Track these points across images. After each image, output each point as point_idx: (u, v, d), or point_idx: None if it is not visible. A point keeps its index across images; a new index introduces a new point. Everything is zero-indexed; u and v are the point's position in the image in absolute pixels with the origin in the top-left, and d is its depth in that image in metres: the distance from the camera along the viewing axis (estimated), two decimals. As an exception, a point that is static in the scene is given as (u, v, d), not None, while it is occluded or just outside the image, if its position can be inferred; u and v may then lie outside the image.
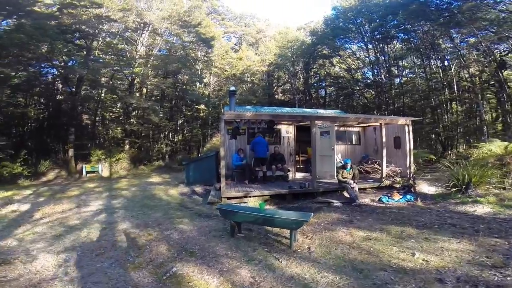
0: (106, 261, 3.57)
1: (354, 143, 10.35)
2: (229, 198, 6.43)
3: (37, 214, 6.11)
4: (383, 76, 18.72)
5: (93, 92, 17.56)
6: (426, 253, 3.43)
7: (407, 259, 3.30)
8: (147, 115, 17.36)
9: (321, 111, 12.40)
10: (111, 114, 19.70)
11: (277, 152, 8.43)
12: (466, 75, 14.59)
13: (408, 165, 8.00)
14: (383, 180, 7.58)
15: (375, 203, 6.39)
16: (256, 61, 24.92)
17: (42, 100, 16.94)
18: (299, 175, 9.68)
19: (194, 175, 9.63)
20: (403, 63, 19.09)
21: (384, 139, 7.73)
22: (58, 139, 15.72)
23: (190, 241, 4.20)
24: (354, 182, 6.62)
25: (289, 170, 8.69)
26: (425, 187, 7.75)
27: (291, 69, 24.27)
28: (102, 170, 14.54)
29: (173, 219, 5.43)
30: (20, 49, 10.62)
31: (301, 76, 24.70)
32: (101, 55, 15.01)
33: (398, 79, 19.17)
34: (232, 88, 9.84)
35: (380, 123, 7.71)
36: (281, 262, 3.37)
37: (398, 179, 7.74)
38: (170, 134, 20.93)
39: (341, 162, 8.95)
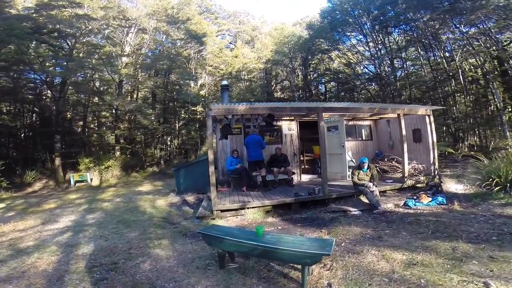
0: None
1: (365, 138, 9.15)
2: (222, 211, 5.27)
3: (-10, 233, 5.02)
4: (386, 68, 17.63)
5: (80, 96, 16.47)
6: (505, 281, 2.35)
7: (482, 294, 2.21)
8: (138, 118, 16.30)
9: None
10: (103, 119, 18.63)
11: (279, 153, 7.30)
12: (471, 66, 13.73)
13: (431, 161, 6.86)
14: (405, 179, 6.42)
15: (400, 209, 5.26)
16: (253, 58, 23.81)
17: (29, 107, 15.85)
18: (304, 177, 8.53)
19: (186, 182, 8.48)
20: (406, 54, 17.99)
21: (404, 132, 6.57)
22: (44, 148, 14.72)
23: (164, 275, 3.07)
24: (373, 184, 5.47)
25: (293, 173, 7.50)
26: (452, 186, 6.65)
27: (289, 65, 23.17)
28: (91, 179, 13.52)
29: (150, 241, 4.28)
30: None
31: (299, 73, 23.59)
32: (84, 57, 13.90)
33: (401, 71, 18.08)
34: (225, 82, 8.75)
35: (398, 114, 6.54)
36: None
37: (422, 178, 6.58)
38: (164, 138, 19.78)
39: (352, 161, 7.82)
